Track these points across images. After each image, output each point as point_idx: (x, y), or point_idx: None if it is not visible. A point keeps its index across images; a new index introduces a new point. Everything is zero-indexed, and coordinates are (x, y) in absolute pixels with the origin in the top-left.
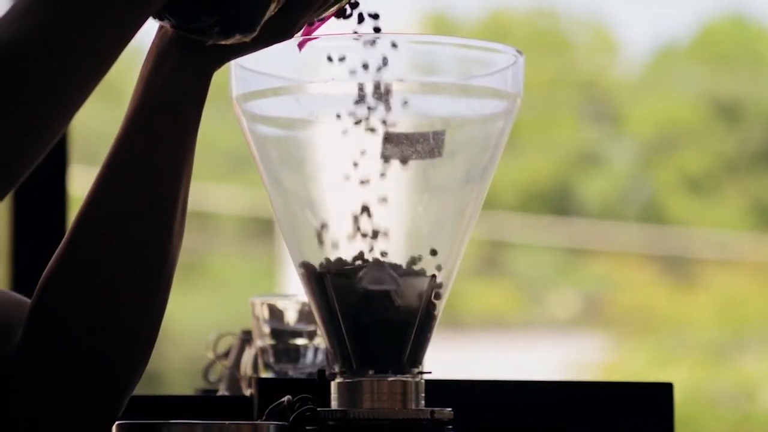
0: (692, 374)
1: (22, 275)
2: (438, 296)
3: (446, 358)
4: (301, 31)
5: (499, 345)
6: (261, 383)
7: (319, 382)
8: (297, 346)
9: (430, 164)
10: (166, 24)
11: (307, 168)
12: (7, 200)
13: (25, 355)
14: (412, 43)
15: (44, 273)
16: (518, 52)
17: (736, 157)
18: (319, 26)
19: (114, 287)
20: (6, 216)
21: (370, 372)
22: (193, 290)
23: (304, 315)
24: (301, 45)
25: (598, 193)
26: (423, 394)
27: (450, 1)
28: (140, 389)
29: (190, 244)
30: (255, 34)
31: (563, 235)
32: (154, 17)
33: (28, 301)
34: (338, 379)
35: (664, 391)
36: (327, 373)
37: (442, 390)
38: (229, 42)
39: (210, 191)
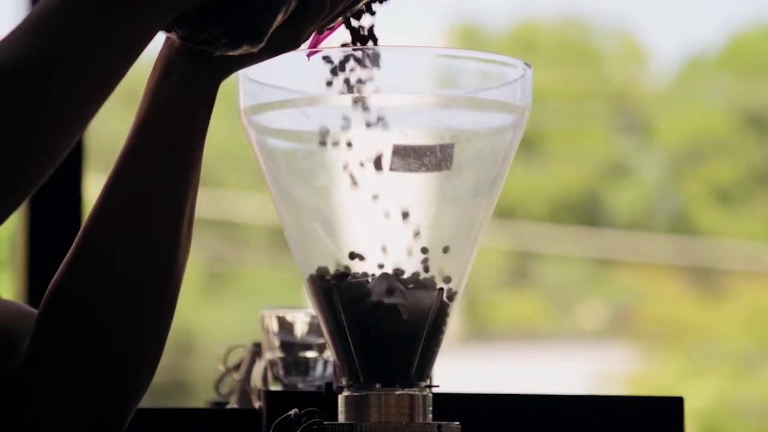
0: (720, 385)
1: (36, 283)
2: (446, 309)
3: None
4: (310, 40)
5: (528, 356)
6: (269, 396)
7: (326, 396)
8: (307, 359)
9: (439, 177)
10: (174, 36)
11: (314, 181)
12: (23, 208)
13: (31, 365)
14: (421, 56)
15: (51, 283)
16: (526, 65)
17: (765, 168)
18: (328, 35)
19: (119, 299)
20: (21, 223)
21: (378, 385)
22: (223, 300)
23: (314, 327)
24: (309, 54)
25: (627, 204)
26: (431, 408)
27: (478, 12)
28: (162, 400)
29: (220, 253)
30: (262, 44)
31: (592, 246)
32: (162, 29)
33: (35, 311)
34: (345, 393)
35: (675, 405)
36: (334, 386)
37: (450, 403)
38: (236, 53)
39: (240, 201)
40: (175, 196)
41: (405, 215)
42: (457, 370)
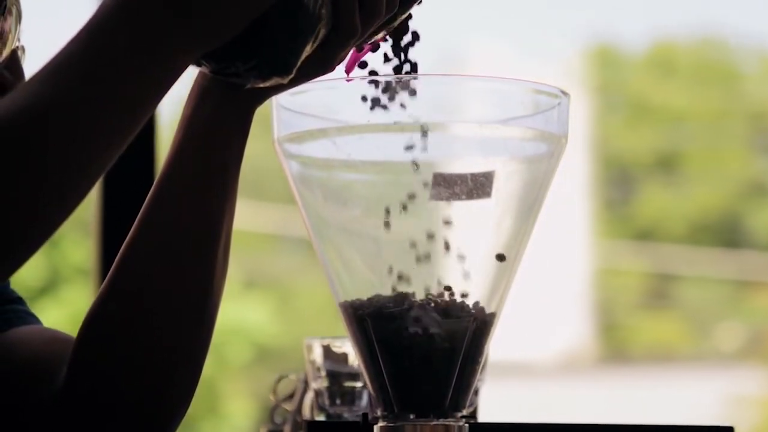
0: None
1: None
2: (482, 339)
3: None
4: (350, 56)
5: (666, 378)
6: (310, 426)
7: (363, 426)
8: (353, 389)
9: (475, 204)
10: (204, 70)
11: (348, 209)
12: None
13: (69, 392)
14: (457, 83)
15: (88, 311)
16: (563, 92)
17: None
18: (367, 50)
19: (156, 328)
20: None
21: (412, 416)
22: None
23: None
24: (348, 70)
25: (767, 225)
26: None
27: (614, 32)
28: None
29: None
30: (292, 75)
31: (731, 267)
32: (192, 63)
33: (73, 337)
34: (381, 423)
35: None
36: (370, 416)
37: None
38: (267, 84)
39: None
40: (211, 224)
41: (446, 245)
42: (595, 393)
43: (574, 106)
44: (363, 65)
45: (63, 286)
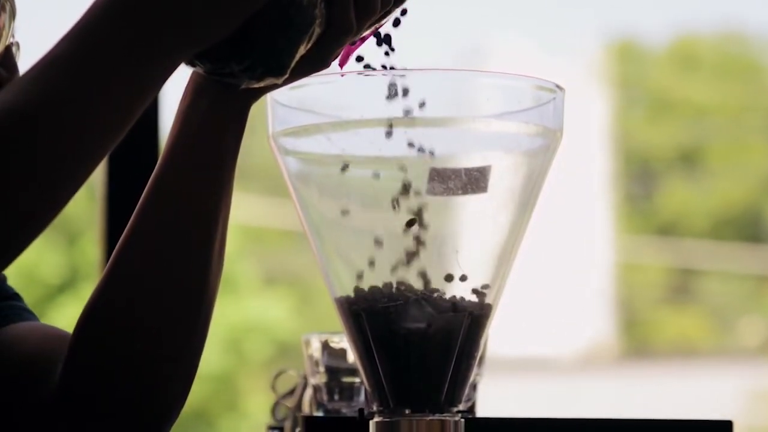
0: None
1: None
2: (477, 334)
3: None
4: (343, 49)
5: (688, 373)
6: (307, 422)
7: (360, 421)
8: (351, 384)
9: (469, 199)
10: (199, 70)
11: (342, 205)
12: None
13: (65, 389)
14: (451, 78)
15: (83, 308)
16: (558, 86)
17: None
18: (360, 44)
19: (151, 325)
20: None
21: (407, 411)
22: None
23: None
24: (341, 64)
25: None
26: None
27: (636, 27)
28: None
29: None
30: (287, 75)
31: (754, 262)
32: (186, 63)
33: (69, 334)
34: (376, 419)
35: (724, 429)
36: (366, 411)
37: (482, 429)
38: (261, 85)
39: None
40: (207, 221)
41: (441, 240)
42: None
43: (596, 100)
44: (359, 59)
45: (82, 283)
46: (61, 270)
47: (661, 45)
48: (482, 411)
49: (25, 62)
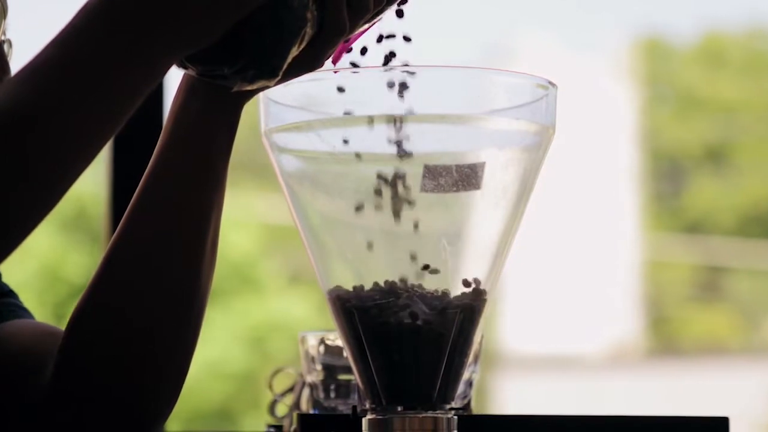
0: None
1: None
2: (469, 331)
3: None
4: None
5: (717, 371)
6: (302, 419)
7: (353, 419)
8: (347, 381)
9: (463, 195)
10: (190, 72)
11: (335, 200)
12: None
13: (56, 385)
14: (444, 74)
15: (76, 305)
16: (551, 83)
17: None
18: (354, 40)
19: (143, 323)
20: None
21: (400, 408)
22: None
23: None
24: (335, 60)
25: None
26: (455, 431)
27: (664, 24)
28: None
29: None
30: (279, 77)
31: None
32: (177, 65)
33: (62, 330)
34: (369, 416)
35: (721, 426)
36: (358, 409)
37: (476, 426)
38: (253, 87)
39: None
40: (199, 220)
41: (428, 234)
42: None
43: (623, 98)
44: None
45: None
46: (85, 269)
47: (688, 41)
48: (504, 409)
49: (18, 60)
